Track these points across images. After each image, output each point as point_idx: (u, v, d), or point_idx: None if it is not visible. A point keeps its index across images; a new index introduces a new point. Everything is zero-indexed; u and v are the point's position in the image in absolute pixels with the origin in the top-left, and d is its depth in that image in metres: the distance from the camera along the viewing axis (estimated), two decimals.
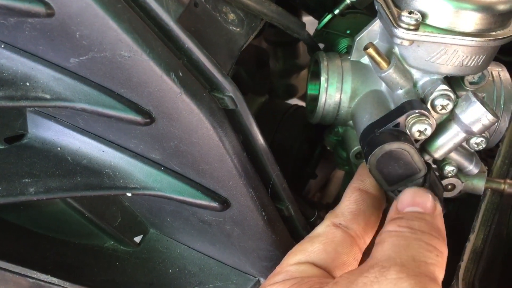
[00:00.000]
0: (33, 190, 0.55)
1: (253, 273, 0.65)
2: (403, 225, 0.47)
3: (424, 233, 0.46)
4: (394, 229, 0.46)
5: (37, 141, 0.58)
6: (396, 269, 0.42)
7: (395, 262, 0.43)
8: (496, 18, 0.53)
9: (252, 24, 0.61)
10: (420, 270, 0.43)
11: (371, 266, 0.44)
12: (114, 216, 0.65)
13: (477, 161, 0.62)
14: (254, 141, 0.55)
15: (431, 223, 0.47)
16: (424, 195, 0.49)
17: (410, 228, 0.46)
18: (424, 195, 0.49)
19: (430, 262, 0.44)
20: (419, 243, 0.45)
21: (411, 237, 0.45)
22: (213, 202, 0.55)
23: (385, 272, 0.42)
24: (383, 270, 0.42)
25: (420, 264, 0.43)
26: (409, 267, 0.42)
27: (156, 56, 0.47)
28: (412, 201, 0.49)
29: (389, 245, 0.45)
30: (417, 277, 0.42)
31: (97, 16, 0.45)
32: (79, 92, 0.50)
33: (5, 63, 0.51)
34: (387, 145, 0.50)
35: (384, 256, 0.44)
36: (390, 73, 0.56)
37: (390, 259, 0.43)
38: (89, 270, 0.64)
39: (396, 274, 0.42)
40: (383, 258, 0.44)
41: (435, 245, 0.45)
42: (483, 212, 0.62)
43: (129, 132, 0.54)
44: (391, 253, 0.44)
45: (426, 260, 0.44)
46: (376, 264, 0.44)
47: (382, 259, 0.44)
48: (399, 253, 0.44)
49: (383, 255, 0.44)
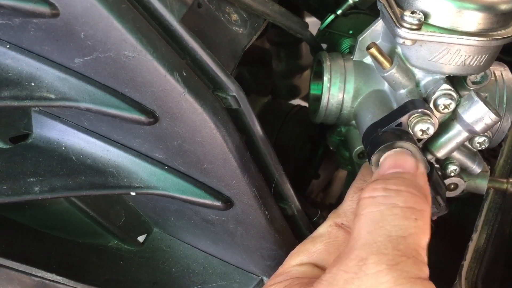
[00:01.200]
0: (38, 189, 0.55)
1: (256, 272, 0.65)
2: (377, 187, 0.44)
3: (400, 192, 0.43)
4: (369, 195, 0.44)
5: (42, 140, 0.58)
6: (374, 260, 0.40)
7: (372, 250, 0.40)
8: (499, 17, 0.53)
9: (255, 25, 0.62)
10: (399, 252, 0.40)
11: (348, 256, 0.41)
12: (118, 215, 0.65)
13: (480, 161, 0.62)
14: (257, 140, 0.55)
15: (408, 180, 0.44)
16: (404, 156, 0.47)
17: (385, 190, 0.43)
18: (405, 156, 0.47)
19: (409, 233, 0.41)
20: (393, 211, 0.42)
21: (385, 203, 0.42)
22: (217, 201, 0.55)
23: (364, 266, 0.40)
24: (361, 263, 0.40)
25: (398, 243, 0.40)
26: (386, 252, 0.40)
27: (160, 56, 0.48)
28: (393, 164, 0.46)
29: (364, 221, 0.42)
30: (397, 266, 0.39)
31: (102, 16, 0.45)
32: (84, 92, 0.51)
33: (10, 63, 0.51)
34: (390, 145, 0.50)
35: (360, 238, 0.42)
36: (393, 72, 0.56)
37: (366, 245, 0.41)
38: (93, 269, 0.64)
39: (375, 267, 0.40)
40: (359, 243, 0.41)
41: (413, 205, 0.42)
42: (486, 212, 0.62)
43: (133, 132, 0.54)
44: (366, 233, 0.41)
45: (403, 233, 0.41)
46: (353, 251, 0.41)
47: (359, 245, 0.41)
48: (373, 233, 0.41)
49: (359, 237, 0.42)
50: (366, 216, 0.43)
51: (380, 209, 0.42)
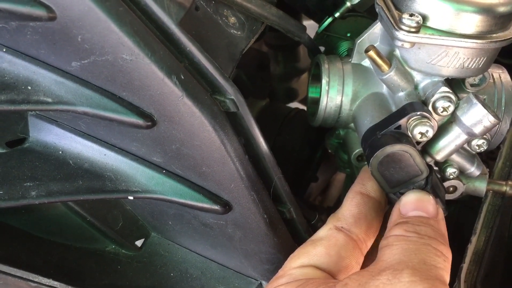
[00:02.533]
0: (34, 193, 0.54)
1: (255, 276, 0.65)
2: (410, 230, 0.47)
3: (431, 238, 0.46)
4: (401, 234, 0.47)
5: (39, 145, 0.58)
6: (409, 272, 0.43)
7: (407, 265, 0.43)
8: (497, 20, 0.53)
9: (253, 28, 0.62)
10: (431, 274, 0.43)
11: (382, 269, 0.44)
12: (116, 219, 0.65)
13: (479, 163, 0.62)
14: (256, 144, 0.55)
15: (436, 229, 0.48)
16: (426, 199, 0.50)
17: (417, 233, 0.47)
18: (427, 199, 0.50)
19: (440, 267, 0.45)
20: (427, 247, 0.45)
21: (419, 241, 0.46)
22: (215, 205, 0.55)
23: (398, 275, 0.43)
24: (395, 272, 0.43)
25: (431, 268, 0.44)
26: (421, 270, 0.43)
27: (158, 59, 0.47)
28: (415, 205, 0.50)
29: (398, 249, 0.46)
30: (429, 281, 0.42)
31: (99, 19, 0.45)
32: (81, 95, 0.50)
33: (6, 67, 0.51)
34: (389, 147, 0.50)
35: (395, 259, 0.45)
36: (391, 75, 0.56)
37: (402, 263, 0.44)
38: (90, 274, 0.64)
39: (409, 277, 0.42)
40: (394, 262, 0.44)
41: (441, 250, 0.46)
42: (485, 214, 0.62)
43: (131, 136, 0.54)
44: (402, 257, 0.45)
45: (436, 264, 0.44)
46: (387, 267, 0.44)
47: (393, 263, 0.44)
48: (409, 257, 0.44)
49: (393, 259, 0.45)
50: (400, 246, 0.46)
51: (415, 244, 0.46)
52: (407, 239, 0.46)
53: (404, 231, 0.47)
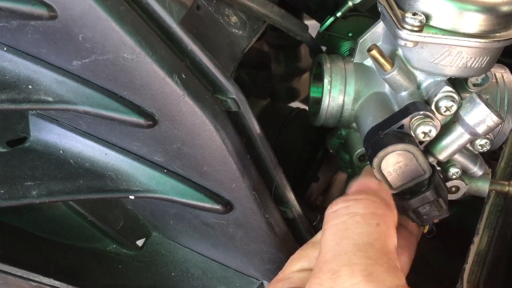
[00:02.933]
0: (35, 193, 0.54)
1: (256, 276, 0.64)
2: (339, 201, 0.44)
3: (359, 200, 0.43)
4: (331, 210, 0.44)
5: (40, 144, 0.58)
6: (347, 272, 0.39)
7: (343, 261, 0.40)
8: (500, 19, 0.53)
9: (255, 27, 0.61)
10: (370, 261, 0.40)
11: (320, 269, 0.41)
12: (117, 219, 0.65)
13: (482, 163, 0.62)
14: (257, 143, 0.55)
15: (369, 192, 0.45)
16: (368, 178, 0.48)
17: (345, 201, 0.44)
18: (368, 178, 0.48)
19: (374, 239, 0.41)
20: (355, 218, 0.42)
21: (347, 213, 0.43)
22: (216, 205, 0.55)
23: (338, 279, 0.40)
24: (334, 276, 0.40)
25: (366, 250, 0.40)
26: (357, 262, 0.40)
27: (159, 58, 0.47)
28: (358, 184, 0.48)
29: (330, 233, 0.43)
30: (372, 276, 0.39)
31: (100, 18, 0.45)
32: (82, 94, 0.50)
33: (7, 66, 0.51)
34: (392, 147, 0.50)
35: (328, 250, 0.42)
36: (394, 75, 0.56)
37: (336, 257, 0.41)
38: (91, 273, 0.64)
39: (349, 279, 0.39)
40: (329, 255, 0.41)
41: (372, 211, 0.43)
42: (487, 215, 0.62)
43: (132, 135, 0.54)
44: (334, 245, 0.41)
45: (368, 239, 0.41)
46: (324, 264, 0.41)
47: (328, 258, 0.41)
48: (341, 244, 0.41)
49: (327, 249, 0.42)
50: (330, 229, 0.43)
51: (342, 220, 0.43)
52: (336, 214, 0.43)
53: (334, 205, 0.44)
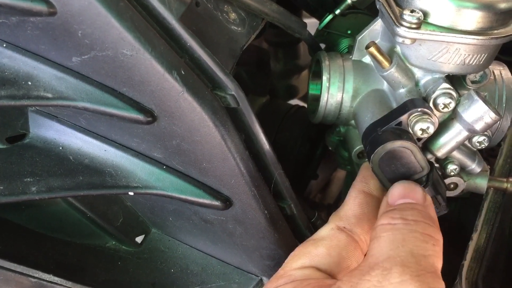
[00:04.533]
0: (35, 189, 0.54)
1: (256, 272, 0.65)
2: (396, 217, 0.46)
3: (418, 222, 0.46)
4: (388, 222, 0.46)
5: (39, 140, 0.58)
6: (398, 270, 0.42)
7: (395, 262, 0.43)
8: (498, 16, 0.53)
9: (253, 24, 0.61)
10: (420, 267, 0.42)
11: (371, 267, 0.43)
12: (116, 216, 0.65)
13: (480, 160, 0.62)
14: (256, 139, 0.55)
15: (423, 212, 0.47)
16: (413, 188, 0.50)
17: (403, 219, 0.46)
18: (414, 187, 0.50)
19: (428, 254, 0.44)
20: (414, 234, 0.45)
21: (405, 228, 0.45)
22: (216, 201, 0.55)
23: (388, 275, 0.42)
24: (385, 272, 0.42)
25: (420, 259, 0.43)
26: (410, 265, 0.42)
27: (158, 55, 0.47)
28: (403, 194, 0.49)
29: (385, 241, 0.45)
30: (419, 277, 0.42)
31: (100, 14, 0.45)
32: (81, 91, 0.50)
33: (7, 62, 0.51)
34: (390, 144, 0.50)
35: (382, 254, 0.44)
36: (392, 72, 0.56)
37: (390, 258, 0.43)
38: (91, 270, 0.64)
39: (399, 276, 0.42)
40: (382, 257, 0.44)
41: (430, 234, 0.45)
42: (486, 211, 0.62)
43: (131, 131, 0.54)
44: (389, 250, 0.44)
45: (424, 252, 0.44)
46: (376, 264, 0.43)
47: (382, 259, 0.44)
48: (396, 250, 0.44)
49: (381, 253, 0.44)
50: (387, 237, 0.45)
51: (401, 232, 0.45)
52: (393, 227, 0.45)
53: (391, 219, 0.46)
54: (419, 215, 0.46)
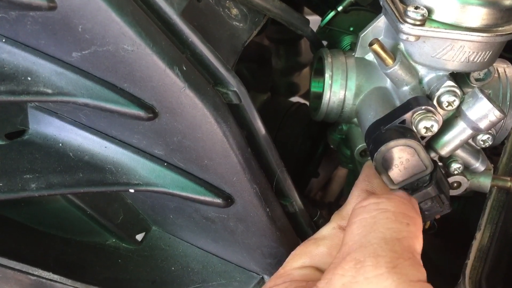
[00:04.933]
0: (34, 186, 0.54)
1: (257, 270, 0.64)
2: (369, 199, 0.45)
3: (390, 199, 0.43)
4: (361, 204, 0.44)
5: (39, 137, 0.57)
6: (372, 262, 0.39)
7: (368, 252, 0.40)
8: (503, 13, 0.53)
9: (255, 20, 0.61)
10: (396, 255, 0.40)
11: (343, 259, 0.41)
12: (116, 213, 0.65)
13: (484, 159, 0.62)
14: (258, 136, 0.55)
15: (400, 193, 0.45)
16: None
17: (376, 198, 0.44)
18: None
19: (403, 236, 0.41)
20: (385, 214, 0.42)
21: (377, 209, 0.43)
22: (217, 198, 0.55)
23: (361, 269, 0.40)
24: (358, 266, 0.40)
25: (394, 245, 0.40)
26: (383, 254, 0.40)
27: (160, 50, 0.47)
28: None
29: (357, 227, 0.42)
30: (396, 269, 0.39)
31: (100, 9, 0.45)
32: (81, 86, 0.50)
33: (6, 57, 0.51)
34: (393, 142, 0.50)
35: (354, 242, 0.42)
36: (396, 69, 0.56)
37: (362, 248, 0.41)
38: (91, 267, 0.64)
39: (373, 269, 0.39)
40: (354, 246, 0.41)
41: (403, 211, 0.43)
42: (489, 210, 0.62)
43: (132, 128, 0.54)
44: (360, 237, 0.41)
45: (397, 235, 0.41)
46: (348, 255, 0.41)
47: (354, 247, 0.41)
48: (368, 236, 0.41)
49: (353, 241, 0.42)
50: (359, 222, 0.43)
51: (372, 215, 0.43)
52: (365, 209, 0.43)
53: (364, 201, 0.44)
54: (393, 195, 0.44)
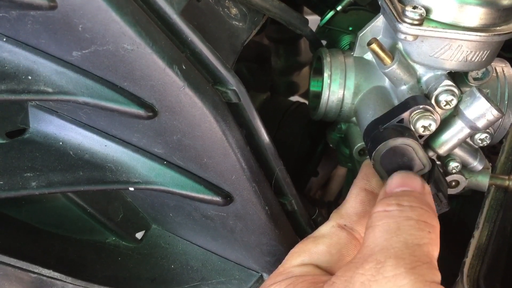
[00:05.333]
0: (35, 184, 0.54)
1: (256, 268, 0.65)
2: (391, 203, 0.45)
3: (413, 207, 0.45)
4: (383, 209, 0.45)
5: (39, 135, 0.57)
6: (392, 263, 0.41)
7: (389, 254, 0.41)
8: (501, 13, 0.53)
9: (255, 19, 0.61)
10: (415, 258, 0.41)
11: (365, 259, 0.42)
12: (116, 211, 0.65)
13: (482, 158, 0.62)
14: (257, 135, 0.55)
15: (419, 198, 0.46)
16: (411, 177, 0.49)
17: (399, 205, 0.45)
18: (412, 177, 0.49)
19: (424, 243, 0.43)
20: (409, 222, 0.44)
21: (401, 216, 0.44)
22: (216, 197, 0.55)
23: (381, 269, 0.41)
24: (378, 266, 0.41)
25: (414, 249, 0.42)
26: (404, 257, 0.41)
27: (159, 49, 0.47)
28: (401, 182, 0.48)
29: (380, 230, 0.44)
30: (414, 270, 0.41)
31: (100, 8, 0.45)
32: (82, 85, 0.50)
33: (7, 56, 0.51)
34: (391, 141, 0.50)
35: (377, 245, 0.43)
36: (394, 68, 0.56)
37: (384, 250, 0.42)
38: (91, 265, 0.64)
39: (392, 270, 0.41)
40: (376, 248, 0.43)
41: (425, 220, 0.44)
42: (487, 209, 0.62)
43: (132, 126, 0.54)
44: (383, 241, 0.43)
45: (419, 241, 0.43)
46: (370, 256, 0.42)
47: (376, 250, 0.42)
48: (390, 240, 0.42)
49: (376, 244, 0.43)
50: (381, 226, 0.44)
51: (396, 220, 0.44)
52: (388, 214, 0.44)
53: (386, 205, 0.45)
54: (415, 200, 0.45)
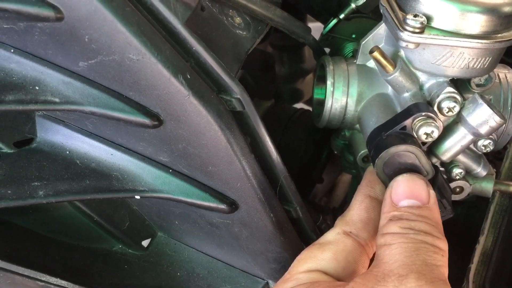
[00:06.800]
0: (42, 193, 0.55)
1: (262, 275, 0.65)
2: (405, 226, 0.47)
3: (427, 234, 0.47)
4: (397, 231, 0.47)
5: (46, 145, 0.58)
6: (414, 276, 0.43)
7: (411, 269, 0.44)
8: (502, 20, 0.53)
9: (258, 28, 0.62)
10: (434, 275, 0.44)
11: (386, 274, 0.44)
12: (123, 219, 0.65)
13: (485, 163, 0.62)
14: (262, 143, 0.55)
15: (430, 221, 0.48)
16: (418, 183, 0.49)
17: (413, 230, 0.47)
18: (418, 182, 0.49)
19: (439, 265, 0.45)
20: (425, 245, 0.46)
21: (416, 239, 0.46)
22: (221, 204, 0.55)
23: (404, 281, 0.43)
24: (401, 278, 0.43)
25: (432, 268, 0.44)
26: (425, 273, 0.44)
27: (164, 59, 0.48)
28: (407, 192, 0.49)
29: (398, 249, 0.46)
30: (433, 284, 0.43)
31: (106, 19, 0.45)
32: (88, 95, 0.51)
33: (14, 67, 0.51)
34: (394, 148, 0.50)
35: (397, 261, 0.45)
36: (396, 76, 0.56)
37: (405, 266, 0.44)
38: (97, 273, 0.64)
39: (415, 281, 0.43)
40: (397, 264, 0.44)
41: (438, 245, 0.46)
42: (492, 215, 0.62)
43: (138, 135, 0.54)
44: (404, 258, 0.45)
45: (436, 263, 0.45)
46: (391, 271, 0.44)
47: (397, 265, 0.44)
48: (411, 258, 0.45)
49: (396, 260, 0.45)
50: (399, 245, 0.46)
51: (413, 242, 0.46)
52: (404, 236, 0.46)
53: (400, 228, 0.47)
54: (427, 226, 0.47)
